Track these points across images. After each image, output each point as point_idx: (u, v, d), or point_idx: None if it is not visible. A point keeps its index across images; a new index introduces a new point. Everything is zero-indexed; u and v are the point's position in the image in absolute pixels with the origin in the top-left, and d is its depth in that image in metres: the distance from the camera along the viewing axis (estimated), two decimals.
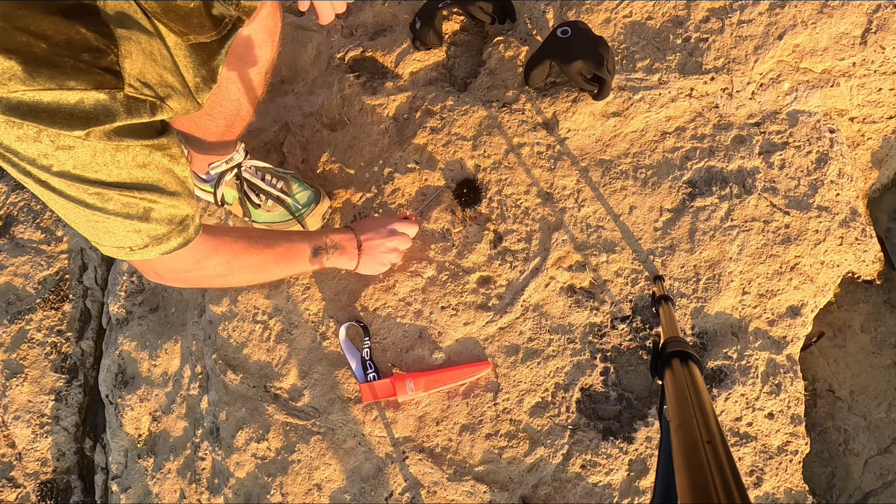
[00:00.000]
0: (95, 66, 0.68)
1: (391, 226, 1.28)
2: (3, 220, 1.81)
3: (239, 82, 1.13)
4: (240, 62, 1.10)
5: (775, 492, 1.18)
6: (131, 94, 0.73)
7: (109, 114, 0.71)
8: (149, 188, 0.80)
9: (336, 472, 1.30)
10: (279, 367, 1.37)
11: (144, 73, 0.75)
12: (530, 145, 1.40)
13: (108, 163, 0.74)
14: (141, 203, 0.80)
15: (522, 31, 1.52)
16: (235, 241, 1.04)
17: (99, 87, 0.69)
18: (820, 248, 1.28)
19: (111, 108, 0.71)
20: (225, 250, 1.01)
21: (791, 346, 1.24)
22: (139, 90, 0.74)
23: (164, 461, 1.47)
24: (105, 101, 0.70)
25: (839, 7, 1.40)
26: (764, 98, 1.37)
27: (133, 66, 0.73)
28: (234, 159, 1.35)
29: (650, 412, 1.22)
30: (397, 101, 1.50)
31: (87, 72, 0.67)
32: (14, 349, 1.67)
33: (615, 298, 1.29)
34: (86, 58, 0.68)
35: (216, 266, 1.00)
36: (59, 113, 0.67)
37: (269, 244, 1.10)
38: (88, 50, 0.68)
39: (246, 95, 1.17)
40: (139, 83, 0.74)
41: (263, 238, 1.11)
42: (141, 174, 0.78)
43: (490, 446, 1.25)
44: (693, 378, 0.58)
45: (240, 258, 1.04)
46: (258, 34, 1.09)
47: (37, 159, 0.70)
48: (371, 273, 1.32)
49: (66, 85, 0.66)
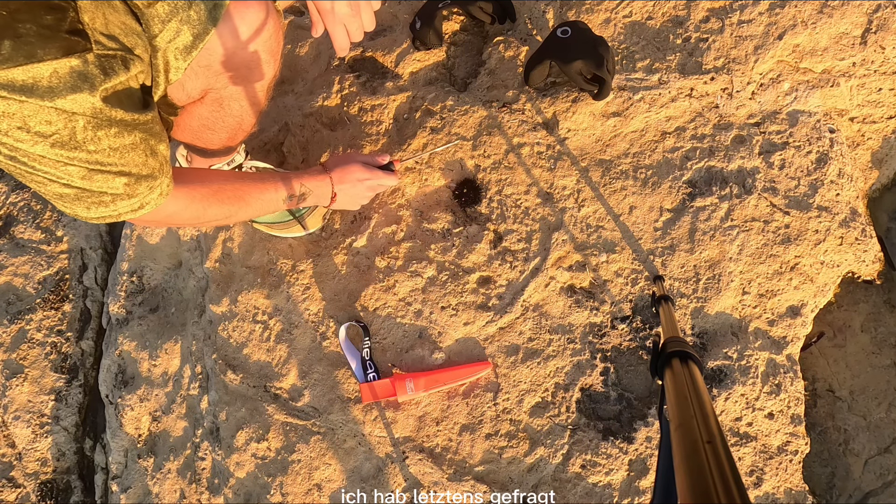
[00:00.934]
0: (60, 29, 0.65)
1: (370, 181, 1.30)
2: (3, 220, 1.81)
3: (241, 100, 1.13)
4: (243, 81, 1.10)
5: (775, 492, 1.18)
6: (100, 52, 0.70)
7: (87, 79, 0.68)
8: (125, 169, 0.81)
9: (336, 472, 1.30)
10: (279, 367, 1.37)
11: (107, 25, 0.71)
12: (530, 145, 1.40)
13: (89, 141, 0.74)
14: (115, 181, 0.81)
15: (522, 31, 1.52)
16: (209, 193, 1.06)
17: (69, 53, 0.66)
18: (820, 248, 1.28)
19: (86, 73, 0.68)
20: (197, 204, 1.04)
21: (791, 346, 1.24)
22: (105, 45, 0.71)
23: (164, 461, 1.47)
24: (78, 66, 0.67)
25: (839, 7, 1.40)
26: (764, 98, 1.37)
27: (94, 19, 0.69)
28: (235, 160, 1.35)
29: (650, 412, 1.22)
30: (397, 101, 1.50)
31: (52, 38, 0.65)
32: (14, 349, 1.67)
33: (615, 298, 1.29)
34: (48, 21, 0.65)
35: (189, 218, 1.08)
36: (36, 87, 0.65)
37: (242, 192, 1.13)
38: (48, 10, 0.65)
39: (248, 111, 1.17)
40: (104, 37, 0.71)
41: (237, 185, 1.13)
42: (119, 157, 0.79)
43: (490, 446, 1.25)
44: (693, 378, 0.58)
45: (212, 208, 1.07)
46: (263, 54, 1.08)
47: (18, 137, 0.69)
48: (342, 209, 1.38)
49: (36, 56, 0.63)
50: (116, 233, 1.83)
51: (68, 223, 1.79)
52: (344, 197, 1.30)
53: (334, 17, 0.90)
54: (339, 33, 0.92)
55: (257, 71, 1.10)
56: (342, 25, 0.91)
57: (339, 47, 0.94)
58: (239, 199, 1.12)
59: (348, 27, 0.92)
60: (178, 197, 0.98)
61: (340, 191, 1.28)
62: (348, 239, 1.42)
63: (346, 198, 1.30)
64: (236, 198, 1.11)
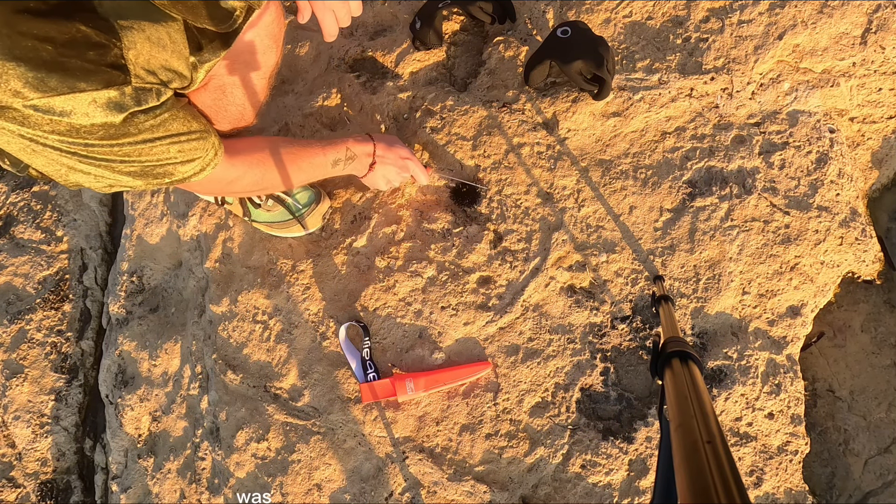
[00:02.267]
0: (102, 63, 0.69)
1: (409, 162, 1.32)
2: (3, 220, 1.81)
3: (244, 87, 1.14)
4: (245, 67, 1.10)
5: (775, 492, 1.18)
6: (138, 84, 0.75)
7: (120, 108, 0.74)
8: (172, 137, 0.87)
9: (336, 472, 1.30)
10: (279, 367, 1.37)
11: (150, 62, 0.76)
12: (530, 145, 1.40)
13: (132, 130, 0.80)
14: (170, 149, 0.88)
15: (522, 31, 1.52)
16: (265, 158, 1.13)
17: (108, 86, 0.71)
18: (820, 248, 1.28)
19: (121, 103, 0.74)
20: (255, 169, 1.12)
21: (791, 346, 1.24)
22: (144, 79, 0.76)
23: (164, 461, 1.47)
24: (115, 97, 0.72)
25: (839, 7, 1.40)
26: (764, 98, 1.37)
27: (138, 56, 0.74)
28: None
29: (650, 412, 1.22)
30: (397, 101, 1.50)
31: (95, 71, 0.69)
32: (14, 349, 1.67)
33: (615, 298, 1.29)
34: (91, 56, 0.68)
35: (247, 184, 1.14)
36: (74, 113, 0.70)
37: (295, 157, 1.18)
38: (92, 47, 0.68)
39: (250, 100, 1.18)
40: (144, 72, 0.76)
41: (291, 150, 1.18)
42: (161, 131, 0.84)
43: (490, 446, 1.25)
44: (693, 378, 0.58)
45: (269, 175, 1.15)
46: (263, 40, 1.09)
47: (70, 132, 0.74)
48: (369, 185, 1.38)
49: (78, 87, 0.68)
50: (116, 233, 1.83)
51: (68, 223, 1.79)
52: (380, 169, 1.31)
53: (322, 3, 0.90)
54: (327, 18, 0.92)
55: (260, 57, 1.11)
56: (331, 11, 0.92)
57: (327, 33, 0.94)
58: (292, 162, 1.17)
59: (336, 12, 0.92)
60: (237, 164, 1.06)
61: (380, 160, 1.29)
62: (348, 239, 1.42)
63: (381, 170, 1.31)
64: (290, 161, 1.16)
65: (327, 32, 0.94)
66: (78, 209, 1.81)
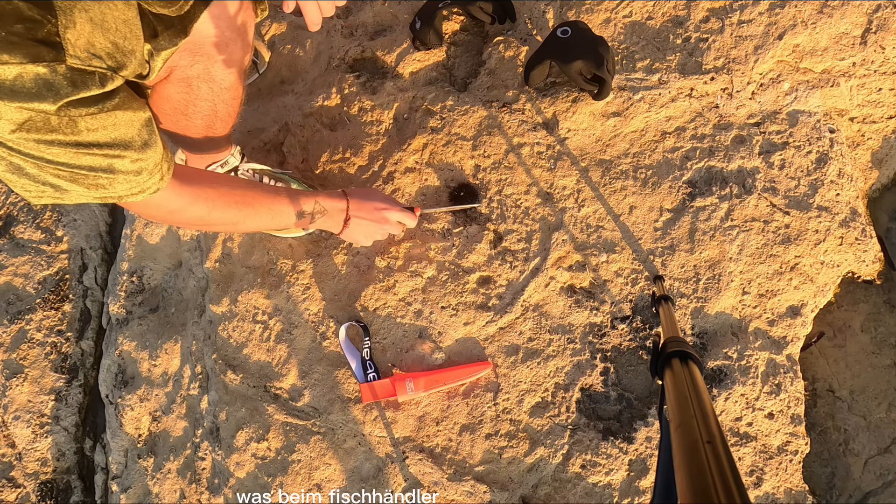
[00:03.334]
0: (30, 37, 0.65)
1: (388, 212, 1.25)
2: (3, 220, 1.81)
3: (210, 81, 1.10)
4: (208, 61, 1.07)
5: (775, 492, 1.18)
6: (76, 65, 0.69)
7: (52, 88, 0.68)
8: (110, 145, 0.79)
9: (336, 472, 1.30)
10: (279, 367, 1.37)
11: (93, 43, 0.71)
12: (530, 145, 1.40)
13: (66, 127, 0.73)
14: (104, 160, 0.79)
15: (522, 31, 1.52)
16: (217, 194, 1.04)
17: (36, 60, 0.66)
18: (820, 248, 1.28)
19: (53, 83, 0.68)
20: (202, 203, 1.02)
21: (791, 346, 1.24)
22: (85, 61, 0.71)
23: (164, 461, 1.47)
24: (45, 74, 0.67)
25: (839, 7, 1.40)
26: (764, 98, 1.37)
27: (78, 36, 0.69)
28: (230, 162, 1.34)
29: (650, 412, 1.22)
30: (397, 101, 1.50)
31: (19, 45, 0.65)
32: (14, 349, 1.67)
33: (615, 298, 1.29)
34: (18, 29, 0.65)
35: (193, 218, 1.04)
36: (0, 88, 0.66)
37: (252, 200, 1.10)
38: (21, 20, 0.65)
39: (220, 95, 1.14)
40: (87, 54, 0.71)
41: (247, 192, 1.10)
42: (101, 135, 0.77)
43: (490, 446, 1.25)
44: (693, 378, 0.58)
45: (217, 211, 1.04)
46: (224, 31, 1.05)
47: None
48: (353, 243, 1.34)
49: (1, 59, 0.64)
50: (116, 233, 1.83)
51: (68, 223, 1.79)
52: (357, 226, 1.24)
53: None
54: (310, 8, 0.91)
55: (223, 49, 1.06)
56: (314, 1, 0.91)
57: (311, 22, 0.93)
58: (248, 205, 1.09)
59: (320, 2, 0.92)
60: (183, 194, 0.97)
61: (355, 217, 1.22)
62: None
63: (358, 226, 1.24)
64: (245, 203, 1.08)
65: (311, 21, 0.93)
66: (78, 209, 1.81)
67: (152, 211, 0.97)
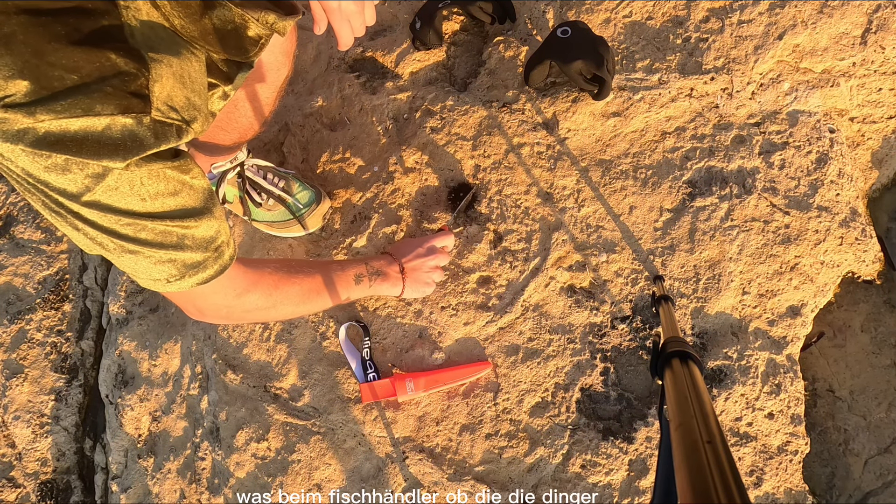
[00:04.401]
0: (123, 89, 0.67)
1: (429, 244, 1.26)
2: (3, 220, 1.81)
3: (256, 101, 1.14)
4: (258, 82, 1.11)
5: (775, 492, 1.18)
6: (158, 118, 0.71)
7: (137, 140, 0.69)
8: (181, 214, 0.77)
9: (336, 472, 1.30)
10: (279, 367, 1.37)
11: (172, 97, 0.73)
12: (530, 145, 1.40)
13: (139, 191, 0.72)
14: (175, 230, 0.77)
15: (522, 31, 1.52)
16: (275, 271, 1.02)
17: (125, 112, 0.67)
18: (820, 248, 1.28)
19: (138, 134, 0.69)
20: (265, 282, 0.99)
21: (791, 346, 1.24)
22: (166, 114, 0.72)
23: (164, 461, 1.47)
24: (132, 126, 0.68)
25: (839, 7, 1.40)
26: (764, 98, 1.37)
27: (162, 89, 0.71)
28: (238, 158, 1.35)
29: (650, 412, 1.22)
30: (397, 101, 1.50)
31: (114, 95, 0.66)
32: (14, 349, 1.67)
33: (615, 298, 1.29)
34: (115, 83, 0.66)
35: (257, 299, 0.99)
36: (86, 141, 0.66)
37: (310, 274, 1.09)
38: (117, 74, 0.66)
39: (261, 111, 1.17)
40: (167, 107, 0.72)
41: (304, 268, 1.09)
42: (173, 202, 0.76)
43: (490, 446, 1.25)
44: (693, 378, 0.58)
45: (281, 290, 1.02)
46: (277, 56, 1.09)
47: (66, 188, 0.69)
48: (418, 296, 1.31)
49: (93, 110, 0.65)
50: None
51: None
52: (414, 274, 1.25)
53: (340, 15, 0.91)
54: (344, 29, 0.92)
55: (272, 73, 1.11)
56: (347, 21, 0.92)
57: (343, 43, 0.95)
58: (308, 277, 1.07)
59: (352, 23, 0.93)
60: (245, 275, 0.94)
61: (408, 266, 1.24)
62: (348, 239, 1.42)
63: (415, 275, 1.25)
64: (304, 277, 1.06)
65: (343, 42, 0.94)
66: None
67: (212, 300, 0.92)
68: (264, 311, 1.02)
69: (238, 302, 0.96)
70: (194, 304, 0.93)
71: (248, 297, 0.97)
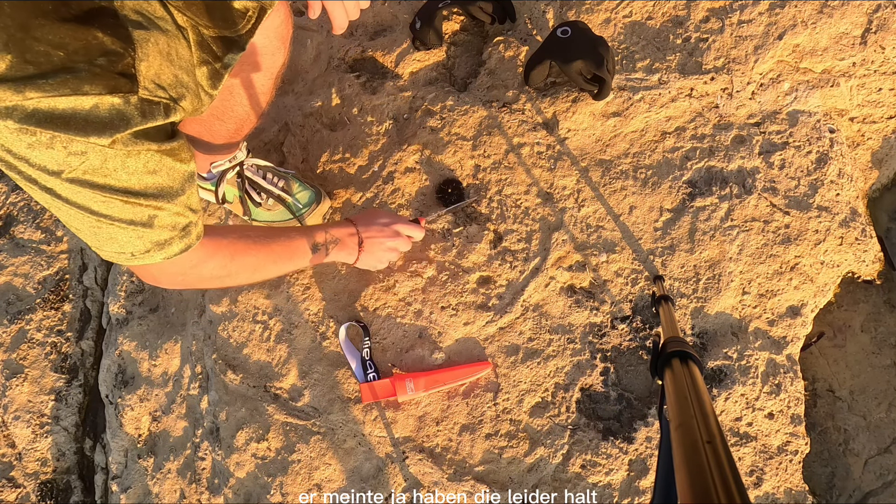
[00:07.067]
0: (111, 70, 0.68)
1: (396, 226, 1.25)
2: (3, 220, 1.81)
3: (252, 87, 1.13)
4: (253, 69, 1.10)
5: (775, 492, 1.18)
6: (145, 96, 0.72)
7: (124, 118, 0.70)
8: (155, 195, 0.79)
9: (336, 472, 1.30)
10: (279, 367, 1.37)
11: (160, 75, 0.74)
12: (530, 145, 1.40)
13: (119, 168, 0.73)
14: (146, 210, 0.79)
15: (522, 31, 1.52)
16: (233, 242, 1.03)
17: (113, 91, 0.68)
18: (820, 248, 1.28)
19: (125, 113, 0.70)
20: (223, 252, 1.00)
21: (791, 346, 1.24)
22: (153, 92, 0.73)
23: (164, 461, 1.47)
24: (119, 105, 0.69)
25: (839, 7, 1.40)
26: (764, 98, 1.37)
27: (149, 68, 0.72)
28: (237, 157, 1.35)
29: (650, 412, 1.22)
30: (397, 101, 1.50)
31: (101, 76, 0.67)
32: (14, 349, 1.67)
33: (615, 298, 1.29)
34: (101, 62, 0.67)
35: (214, 268, 1.00)
36: (74, 119, 0.67)
37: (267, 242, 1.10)
38: (104, 54, 0.67)
39: (257, 100, 1.17)
40: (154, 85, 0.73)
41: (261, 237, 1.10)
42: (150, 180, 0.77)
43: (490, 446, 1.25)
44: (693, 378, 0.58)
45: (237, 259, 1.03)
46: (272, 41, 1.09)
47: (47, 165, 0.69)
48: (370, 269, 1.31)
49: (81, 90, 0.66)
50: None
51: None
52: (371, 248, 1.23)
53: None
54: (337, 10, 0.93)
55: (268, 58, 1.10)
56: (341, 4, 0.92)
57: (337, 26, 0.95)
58: (264, 247, 1.07)
59: (346, 6, 0.93)
60: (203, 246, 0.94)
61: (367, 238, 1.22)
62: None
63: (372, 248, 1.24)
64: (261, 246, 1.07)
65: (337, 25, 0.95)
66: None
67: (169, 270, 0.93)
68: (219, 279, 1.04)
69: (193, 271, 0.97)
70: (150, 273, 0.95)
71: (205, 266, 0.98)
